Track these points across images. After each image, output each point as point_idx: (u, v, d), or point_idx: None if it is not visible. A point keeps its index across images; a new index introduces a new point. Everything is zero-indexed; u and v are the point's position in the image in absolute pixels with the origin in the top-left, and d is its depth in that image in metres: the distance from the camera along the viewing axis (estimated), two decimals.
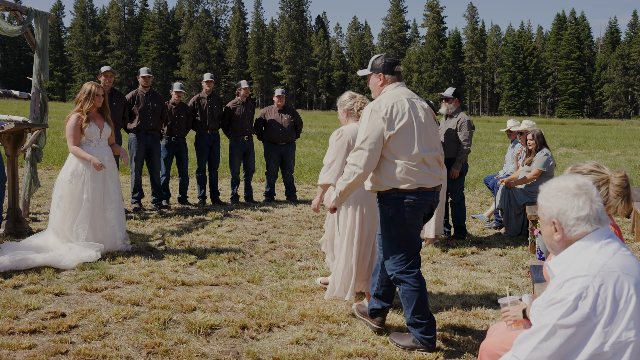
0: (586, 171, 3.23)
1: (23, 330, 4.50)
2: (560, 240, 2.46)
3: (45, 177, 12.79)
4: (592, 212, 2.39)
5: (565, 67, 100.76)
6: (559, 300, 2.26)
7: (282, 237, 8.02)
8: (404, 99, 4.42)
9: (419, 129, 4.36)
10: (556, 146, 26.97)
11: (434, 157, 4.44)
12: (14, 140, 7.41)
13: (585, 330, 2.24)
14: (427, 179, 4.36)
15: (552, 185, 2.49)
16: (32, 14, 7.99)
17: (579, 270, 2.29)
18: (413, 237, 4.44)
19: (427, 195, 4.38)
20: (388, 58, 4.62)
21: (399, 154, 4.31)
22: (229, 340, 4.53)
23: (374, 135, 4.28)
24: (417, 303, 4.40)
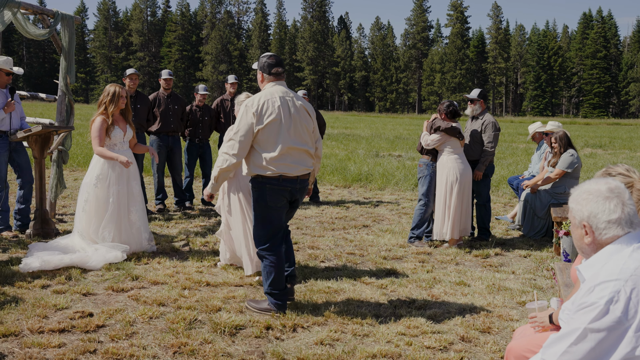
0: (615, 173, 3.22)
1: (52, 330, 4.58)
2: (591, 244, 2.45)
3: (71, 179, 12.96)
4: (624, 216, 2.38)
5: (590, 67, 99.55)
6: (590, 304, 2.25)
7: (305, 238, 8.05)
8: (277, 97, 4.96)
9: (286, 125, 4.93)
10: (581, 147, 26.68)
11: (302, 151, 5.02)
12: (41, 143, 7.53)
13: (616, 335, 2.22)
14: (288, 169, 4.94)
15: (583, 188, 2.48)
16: (58, 17, 8.11)
17: (611, 274, 2.28)
18: (274, 219, 5.04)
19: (287, 182, 4.97)
20: (270, 59, 5.13)
21: (266, 145, 4.90)
22: (253, 341, 4.56)
23: (245, 129, 4.88)
24: (274, 277, 5.05)
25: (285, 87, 5.13)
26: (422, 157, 7.96)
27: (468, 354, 4.44)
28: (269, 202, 4.99)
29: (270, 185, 4.95)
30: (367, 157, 19.13)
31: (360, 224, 9.08)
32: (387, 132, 35.14)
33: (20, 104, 7.82)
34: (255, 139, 4.92)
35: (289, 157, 4.95)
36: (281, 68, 5.13)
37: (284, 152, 4.91)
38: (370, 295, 5.67)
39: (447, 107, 7.74)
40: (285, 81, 5.22)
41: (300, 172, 5.03)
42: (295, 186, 5.04)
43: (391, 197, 11.91)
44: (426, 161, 7.85)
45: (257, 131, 4.89)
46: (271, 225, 5.05)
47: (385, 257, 7.12)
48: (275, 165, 4.91)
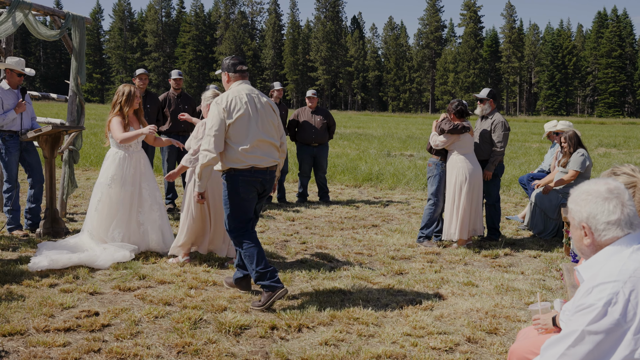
0: (620, 172, 3.18)
1: (58, 328, 4.60)
2: (590, 245, 2.41)
3: (83, 178, 13.04)
4: (623, 217, 2.34)
5: (605, 66, 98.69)
6: (588, 305, 2.22)
7: (314, 238, 8.04)
8: (244, 94, 5.32)
9: (254, 119, 5.28)
10: (595, 146, 26.46)
11: (270, 143, 5.38)
12: (52, 142, 7.57)
13: (614, 337, 2.19)
14: (258, 161, 5.28)
15: (582, 188, 2.44)
16: (69, 18, 8.16)
17: (609, 275, 2.24)
18: (246, 209, 5.36)
19: (258, 173, 5.31)
20: (233, 59, 5.51)
21: (237, 139, 5.24)
22: (258, 341, 4.56)
23: (218, 123, 5.20)
24: (257, 257, 5.26)
25: (250, 85, 5.49)
26: (432, 156, 7.92)
27: (474, 355, 4.41)
28: (242, 193, 5.30)
29: (243, 177, 5.27)
30: (378, 156, 19.09)
31: (369, 223, 9.06)
32: (399, 131, 35.04)
33: (31, 104, 7.87)
34: (226, 134, 5.25)
35: (259, 150, 5.30)
36: (244, 66, 5.49)
37: (254, 145, 5.27)
38: (377, 296, 5.64)
39: (456, 106, 7.70)
40: (249, 80, 5.57)
41: (269, 163, 5.38)
42: (266, 177, 5.38)
43: (401, 196, 11.87)
44: (435, 161, 7.81)
45: (228, 126, 5.24)
46: (244, 215, 5.36)
47: (393, 257, 7.09)
48: (247, 157, 5.24)
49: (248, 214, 5.39)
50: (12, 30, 7.26)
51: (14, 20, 7.25)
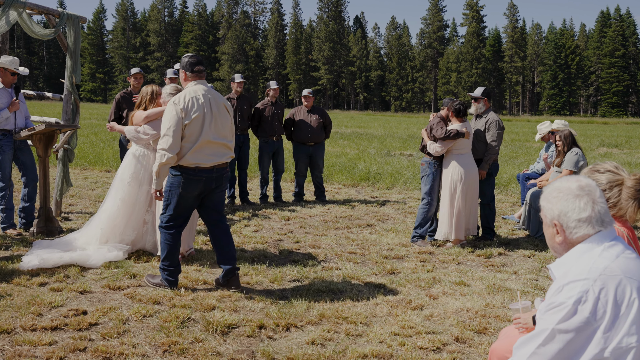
0: (603, 170, 3.17)
1: (45, 327, 4.59)
2: (562, 243, 2.39)
3: (81, 177, 13.04)
4: (594, 214, 2.32)
5: (609, 65, 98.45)
6: (558, 304, 2.20)
7: (307, 237, 8.02)
8: (200, 95, 5.45)
9: (208, 120, 5.42)
10: (596, 146, 26.40)
11: (220, 144, 5.54)
12: (45, 141, 7.56)
13: (584, 336, 2.17)
14: (204, 160, 5.43)
15: (554, 186, 2.42)
16: (64, 17, 8.15)
17: (580, 273, 2.22)
18: (182, 205, 5.52)
19: (203, 172, 5.45)
20: (192, 58, 5.61)
21: (188, 139, 5.37)
22: (245, 340, 4.54)
23: (175, 123, 5.32)
24: (168, 254, 5.53)
25: (206, 85, 5.63)
26: (425, 156, 7.90)
27: (461, 355, 4.39)
28: (182, 190, 5.46)
29: (186, 175, 5.42)
30: (377, 156, 19.06)
31: (364, 223, 9.04)
32: (400, 131, 35.00)
33: (25, 103, 7.87)
34: (185, 130, 5.38)
35: (207, 150, 5.46)
36: (202, 66, 5.61)
37: (202, 145, 5.42)
38: (368, 295, 5.63)
39: (456, 105, 7.65)
40: (205, 79, 5.71)
41: (215, 163, 5.52)
42: (211, 175, 5.52)
43: (398, 196, 11.84)
44: (428, 160, 7.79)
45: (184, 126, 5.36)
46: (178, 209, 5.53)
47: (386, 257, 7.07)
48: (193, 157, 5.40)
49: (182, 208, 5.55)
50: (5, 28, 7.25)
51: (7, 19, 7.24)
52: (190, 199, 5.54)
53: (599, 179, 3.12)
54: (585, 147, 25.18)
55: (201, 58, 5.66)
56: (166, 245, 5.57)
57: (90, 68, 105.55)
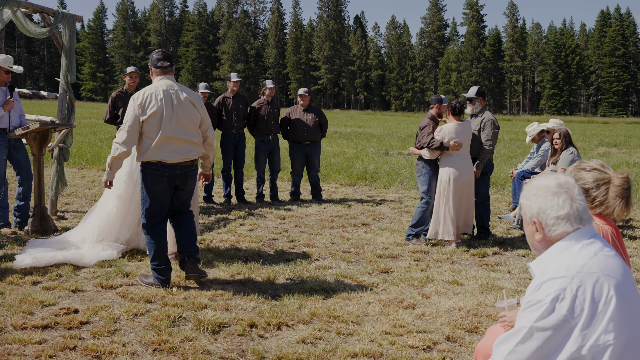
0: (589, 168, 3.17)
1: (35, 326, 4.59)
2: (542, 240, 2.39)
3: (78, 176, 13.04)
4: (573, 211, 2.31)
5: (609, 65, 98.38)
6: (537, 302, 2.19)
7: (302, 236, 8.01)
8: (160, 90, 5.50)
9: (168, 116, 5.46)
10: (595, 145, 26.37)
11: (184, 140, 5.55)
12: (40, 140, 7.56)
13: (562, 333, 2.16)
14: (166, 156, 5.48)
15: (533, 183, 2.42)
16: (59, 16, 8.15)
17: (558, 271, 2.22)
18: (154, 200, 5.59)
19: (166, 168, 5.51)
20: (158, 54, 5.68)
21: (149, 134, 5.46)
22: (236, 339, 4.54)
23: (131, 119, 5.44)
24: (155, 253, 5.59)
25: (173, 81, 5.67)
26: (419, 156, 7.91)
27: (451, 354, 4.38)
28: (149, 185, 5.57)
29: (150, 170, 5.53)
30: (375, 155, 19.05)
31: (360, 222, 9.03)
32: (400, 130, 34.99)
33: (20, 101, 7.87)
34: (141, 129, 5.49)
35: (169, 146, 5.50)
36: (167, 62, 5.66)
37: (163, 141, 5.47)
38: (360, 294, 5.62)
39: (454, 103, 7.64)
40: (173, 75, 5.78)
41: (179, 159, 5.56)
42: (175, 172, 5.57)
43: (395, 195, 11.84)
44: (421, 160, 7.80)
45: (142, 122, 5.46)
46: (151, 206, 5.61)
47: (380, 256, 7.07)
48: (155, 153, 5.47)
49: (154, 204, 5.62)
50: None
51: (1, 17, 7.24)
52: (160, 194, 5.62)
53: (584, 177, 3.11)
54: (584, 146, 25.18)
55: (168, 54, 5.73)
56: (151, 245, 5.65)
57: (91, 67, 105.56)
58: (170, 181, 5.60)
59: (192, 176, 5.77)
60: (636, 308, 2.26)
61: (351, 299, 5.47)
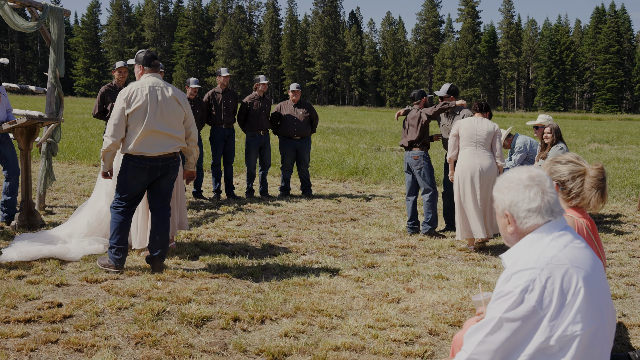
0: (564, 161, 3.20)
1: (18, 320, 4.59)
2: (514, 233, 2.40)
3: (68, 172, 13.01)
4: (544, 204, 2.33)
5: (603, 62, 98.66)
6: (506, 293, 2.21)
7: (290, 231, 8.02)
8: (146, 87, 5.76)
9: (152, 111, 5.70)
10: (587, 142, 26.46)
11: (166, 135, 5.80)
12: (27, 135, 7.54)
13: (531, 324, 2.18)
14: (148, 149, 5.73)
15: (505, 176, 2.44)
16: (47, 10, 8.12)
17: (527, 262, 2.24)
18: (129, 189, 5.85)
19: (147, 161, 5.76)
20: (147, 53, 5.98)
21: (133, 128, 5.71)
22: (219, 332, 4.55)
23: (118, 113, 5.69)
24: (116, 231, 5.84)
25: (159, 79, 5.95)
26: (414, 149, 7.92)
27: (433, 347, 4.40)
28: (129, 176, 5.81)
29: (132, 162, 5.76)
30: (367, 151, 19.07)
31: (348, 217, 9.05)
32: (393, 126, 35.02)
33: (7, 96, 7.85)
34: (127, 122, 5.73)
35: (151, 139, 5.74)
36: (156, 60, 5.98)
37: (146, 134, 5.71)
38: (345, 288, 5.63)
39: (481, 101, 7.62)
40: (160, 73, 6.10)
41: (160, 153, 5.80)
42: (157, 164, 5.81)
43: (385, 190, 11.86)
44: (421, 152, 7.87)
45: (127, 115, 5.70)
46: (126, 193, 5.87)
47: (367, 251, 7.08)
48: (137, 146, 5.71)
49: (130, 193, 5.87)
50: None
51: None
52: (136, 184, 5.86)
53: (560, 170, 3.14)
54: (577, 142, 25.26)
55: (155, 53, 6.01)
56: (115, 224, 5.87)
57: (85, 62, 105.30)
58: (151, 173, 5.84)
59: (174, 167, 5.98)
60: (605, 299, 2.28)
61: (336, 293, 5.48)
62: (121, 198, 5.90)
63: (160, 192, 6.01)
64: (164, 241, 6.03)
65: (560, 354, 2.18)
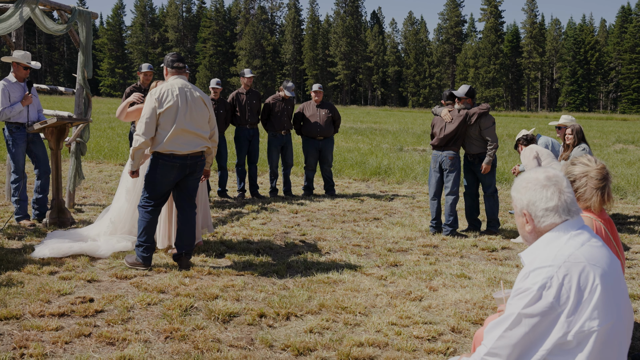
0: (577, 162, 3.28)
1: (52, 314, 4.74)
2: (532, 232, 2.48)
3: (96, 171, 13.25)
4: (561, 203, 2.40)
5: (629, 61, 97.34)
6: (524, 290, 2.29)
7: (314, 230, 8.12)
8: (176, 87, 6.01)
9: (182, 110, 5.94)
10: (612, 142, 26.21)
11: (194, 134, 6.03)
12: (57, 134, 7.73)
13: (549, 320, 2.26)
14: (177, 148, 5.94)
15: (523, 177, 2.52)
16: (75, 13, 8.31)
17: (545, 260, 2.31)
18: (158, 188, 6.06)
19: (177, 159, 5.97)
20: (172, 56, 6.21)
21: (164, 127, 5.92)
22: (245, 328, 4.66)
23: (149, 112, 5.89)
24: (143, 230, 6.04)
25: (185, 80, 6.20)
26: (448, 149, 7.96)
27: (455, 344, 4.47)
28: (158, 174, 6.01)
29: (162, 161, 5.97)
30: (390, 151, 19.11)
31: (371, 216, 9.12)
32: (415, 126, 34.98)
33: (37, 97, 8.05)
34: (157, 121, 5.94)
35: (181, 138, 5.96)
36: (182, 63, 6.21)
37: (177, 133, 5.93)
38: (369, 286, 5.72)
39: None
40: (185, 75, 6.28)
41: (189, 151, 6.02)
42: (186, 162, 6.03)
43: (408, 190, 11.91)
44: (455, 153, 8.04)
45: (159, 115, 5.92)
46: (154, 192, 6.07)
47: (390, 250, 7.16)
48: (168, 144, 5.92)
49: (158, 191, 6.07)
50: (19, 24, 7.42)
51: (21, 15, 7.41)
52: (165, 183, 6.06)
53: (572, 170, 3.22)
54: (601, 143, 25.04)
55: (182, 56, 6.24)
56: (143, 223, 6.07)
57: (110, 63, 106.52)
58: (180, 171, 6.04)
59: (201, 166, 6.22)
60: (622, 297, 2.34)
61: (359, 291, 5.57)
62: (149, 197, 6.08)
63: (187, 190, 6.20)
64: (191, 239, 6.20)
65: (578, 349, 2.25)
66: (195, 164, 6.12)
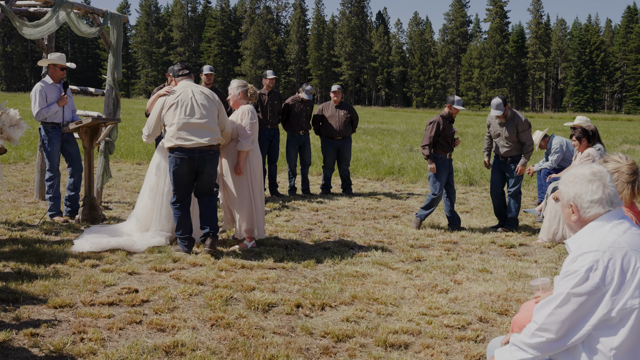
0: (609, 159, 3.58)
1: (102, 303, 5.04)
2: (577, 221, 2.77)
3: (114, 169, 13.54)
4: (605, 196, 2.70)
5: (634, 62, 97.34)
6: (573, 272, 2.58)
7: (336, 227, 8.41)
8: (180, 86, 6.67)
9: (187, 105, 6.49)
10: (619, 142, 26.45)
11: (199, 126, 6.48)
12: (91, 134, 8.03)
13: (595, 299, 2.55)
14: (183, 141, 6.43)
15: (570, 172, 2.81)
16: (107, 16, 8.61)
17: (591, 246, 2.61)
18: (180, 182, 6.57)
19: (185, 152, 6.45)
20: (177, 66, 6.95)
21: (169, 122, 6.51)
22: (284, 317, 4.95)
23: (155, 112, 6.61)
24: (179, 223, 6.63)
25: (192, 81, 6.83)
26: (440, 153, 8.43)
27: (484, 332, 4.75)
28: (173, 168, 6.55)
29: (173, 155, 6.54)
30: (400, 151, 19.39)
31: (390, 214, 9.41)
32: (422, 127, 35.21)
33: (72, 97, 8.35)
34: (163, 120, 6.59)
35: (184, 131, 6.45)
36: (186, 70, 6.89)
37: (181, 127, 6.45)
38: (396, 280, 6.00)
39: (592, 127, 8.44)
40: (191, 79, 6.86)
41: (195, 144, 6.46)
42: (194, 155, 6.49)
43: (422, 189, 12.19)
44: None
45: (164, 113, 6.57)
46: (177, 187, 6.60)
47: (412, 245, 7.44)
48: (175, 138, 6.46)
49: (178, 185, 6.58)
50: (55, 27, 7.71)
51: (57, 19, 7.70)
52: (182, 175, 6.55)
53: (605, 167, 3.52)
54: (609, 143, 25.26)
55: (187, 65, 7.02)
56: (177, 217, 6.67)
57: None
58: (190, 164, 6.50)
59: (211, 160, 6.65)
60: None
61: (388, 284, 5.85)
62: (175, 192, 6.62)
63: (203, 184, 6.73)
64: (213, 220, 6.74)
65: (621, 325, 2.54)
66: (204, 159, 6.55)
